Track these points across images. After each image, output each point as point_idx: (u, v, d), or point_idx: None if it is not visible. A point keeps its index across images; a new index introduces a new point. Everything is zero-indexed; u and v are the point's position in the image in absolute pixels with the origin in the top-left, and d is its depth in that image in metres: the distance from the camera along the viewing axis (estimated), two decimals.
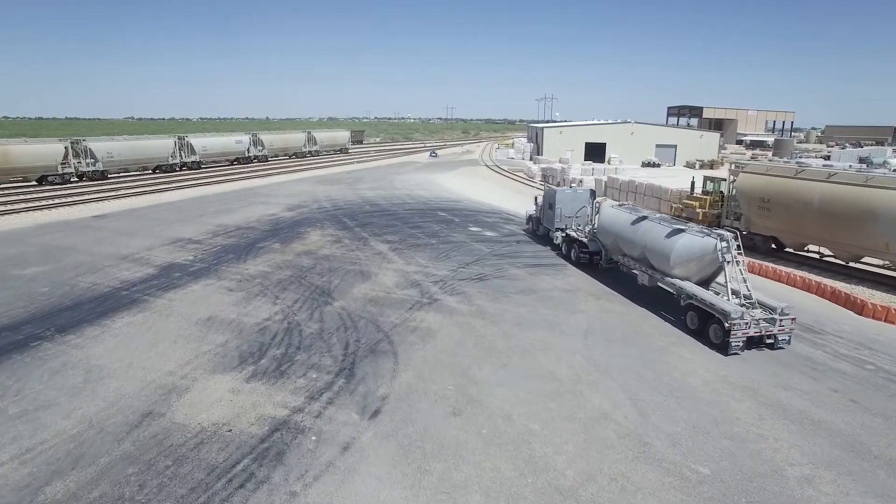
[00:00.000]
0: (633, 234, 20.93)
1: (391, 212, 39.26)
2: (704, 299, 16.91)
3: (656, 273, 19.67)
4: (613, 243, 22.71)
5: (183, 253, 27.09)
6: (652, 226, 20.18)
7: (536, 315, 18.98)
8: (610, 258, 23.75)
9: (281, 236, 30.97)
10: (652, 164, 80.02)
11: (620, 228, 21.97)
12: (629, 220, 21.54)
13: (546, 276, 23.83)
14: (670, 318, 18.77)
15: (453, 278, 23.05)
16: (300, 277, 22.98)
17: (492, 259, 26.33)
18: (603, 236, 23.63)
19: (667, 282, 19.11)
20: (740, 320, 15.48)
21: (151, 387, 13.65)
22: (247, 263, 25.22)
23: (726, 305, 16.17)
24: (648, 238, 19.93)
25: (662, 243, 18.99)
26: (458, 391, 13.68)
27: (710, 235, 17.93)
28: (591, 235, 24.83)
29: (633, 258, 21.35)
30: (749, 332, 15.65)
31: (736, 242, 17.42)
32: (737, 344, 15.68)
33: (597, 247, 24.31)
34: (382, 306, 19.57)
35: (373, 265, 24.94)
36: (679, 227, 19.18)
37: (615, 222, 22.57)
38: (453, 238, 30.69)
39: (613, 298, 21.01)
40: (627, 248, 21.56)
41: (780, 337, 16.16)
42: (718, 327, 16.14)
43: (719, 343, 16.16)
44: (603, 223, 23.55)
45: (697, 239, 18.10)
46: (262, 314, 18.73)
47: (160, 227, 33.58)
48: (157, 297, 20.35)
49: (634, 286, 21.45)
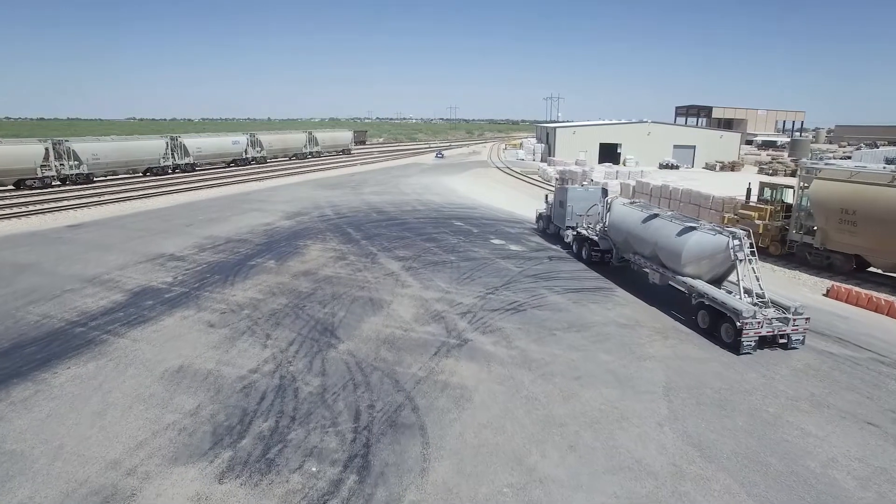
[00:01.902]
0: (644, 232, 20.67)
1: (400, 220, 35.24)
2: (716, 298, 16.63)
3: (667, 271, 19.35)
4: (624, 241, 22.34)
5: (161, 273, 23.09)
6: (663, 223, 19.84)
7: (596, 363, 14.94)
8: (621, 256, 23.32)
9: (276, 251, 26.96)
10: (670, 165, 76.09)
11: (631, 226, 21.63)
12: (640, 218, 21.19)
13: (593, 303, 19.80)
14: (768, 367, 14.75)
15: (483, 308, 19.02)
16: (297, 307, 18.97)
17: (524, 281, 22.29)
18: (614, 234, 23.27)
19: (678, 280, 18.78)
20: (752, 319, 15.23)
21: (81, 492, 9.62)
22: (234, 287, 21.21)
23: (738, 304, 15.90)
24: (659, 236, 19.65)
25: (674, 241, 18.72)
26: (519, 498, 9.65)
27: (721, 233, 17.60)
28: (601, 233, 24.37)
29: (644, 256, 20.99)
30: (761, 331, 15.40)
31: (749, 241, 17.04)
32: (748, 343, 15.39)
33: (608, 245, 23.89)
34: (400, 350, 15.55)
35: (384, 290, 20.92)
36: (690, 225, 18.80)
37: (626, 220, 22.23)
38: (475, 253, 26.66)
39: (684, 337, 16.96)
40: (638, 245, 21.23)
41: (793, 337, 15.75)
42: (730, 326, 15.81)
43: (731, 342, 15.80)
44: (614, 221, 23.21)
45: (709, 237, 17.80)
46: (249, 362, 14.72)
47: (141, 239, 29.59)
48: (119, 337, 16.34)
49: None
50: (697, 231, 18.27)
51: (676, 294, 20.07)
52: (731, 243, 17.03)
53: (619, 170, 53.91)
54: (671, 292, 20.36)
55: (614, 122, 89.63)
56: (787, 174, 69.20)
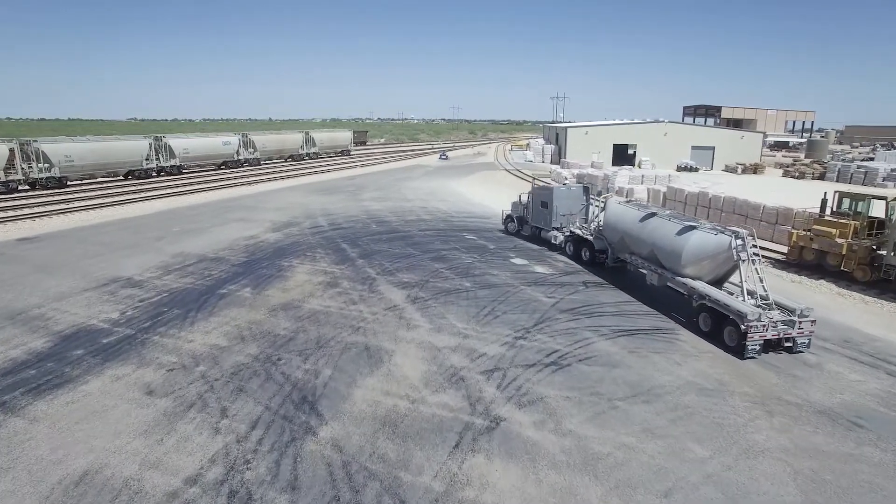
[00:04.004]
0: (642, 232, 20.09)
1: (404, 233, 30.69)
2: (719, 300, 15.97)
3: (666, 272, 18.78)
4: (620, 241, 21.76)
5: (108, 306, 18.59)
6: (661, 223, 19.27)
7: (688, 463, 10.37)
8: (617, 257, 22.60)
9: (255, 274, 22.43)
10: (688, 168, 71.52)
11: (628, 226, 21.07)
12: (637, 217, 20.64)
13: (655, 353, 15.23)
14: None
15: (514, 362, 14.47)
16: (270, 361, 14.43)
17: (559, 318, 17.74)
18: (609, 234, 22.63)
19: (677, 281, 18.23)
20: (757, 322, 14.57)
21: None
22: (194, 328, 16.69)
23: (742, 307, 15.19)
24: (658, 235, 19.10)
25: (673, 241, 18.15)
26: None
27: (723, 232, 16.98)
28: (596, 233, 23.77)
29: (641, 256, 20.46)
30: (766, 334, 14.75)
31: (752, 240, 16.47)
32: (753, 347, 14.76)
33: (603, 245, 23.25)
34: (406, 439, 10.99)
35: (384, 333, 16.37)
36: (690, 224, 18.19)
37: (622, 219, 21.59)
38: (493, 277, 22.10)
39: (795, 412, 12.35)
40: (635, 246, 20.69)
41: (798, 340, 15.12)
42: (734, 329, 15.16)
43: (734, 346, 15.17)
44: (609, 220, 22.53)
45: (711, 236, 17.18)
46: (189, 463, 10.18)
47: (98, 258, 25.08)
48: (13, 414, 11.78)
49: (820, 386, 12.94)
50: (698, 230, 17.52)
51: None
52: (734, 243, 16.23)
53: (644, 173, 49.18)
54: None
55: (628, 122, 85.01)
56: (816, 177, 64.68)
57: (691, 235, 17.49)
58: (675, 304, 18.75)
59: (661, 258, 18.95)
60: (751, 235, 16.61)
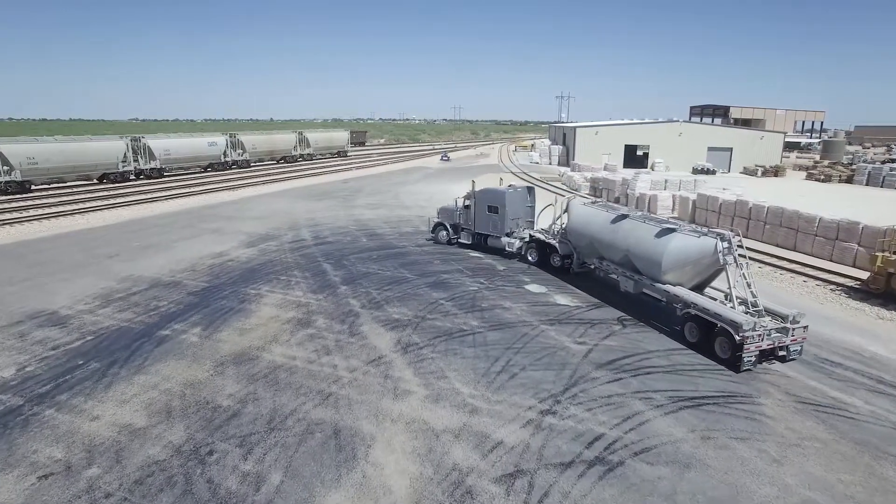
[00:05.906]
0: (613, 236, 18.90)
1: (398, 249, 26.38)
2: (708, 309, 14.78)
3: (643, 278, 17.54)
4: (588, 246, 20.59)
5: (6, 356, 14.30)
6: (635, 225, 18.12)
7: None
8: (582, 262, 21.58)
9: (211, 307, 18.14)
10: (705, 170, 67.22)
11: (597, 229, 19.84)
12: (607, 220, 19.48)
13: (738, 440, 10.90)
14: None
15: (543, 459, 10.14)
16: (197, 458, 10.11)
17: (597, 377, 13.41)
18: (575, 238, 21.37)
19: (657, 288, 16.91)
20: (753, 332, 13.46)
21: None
22: (108, 394, 12.40)
23: (736, 316, 14.08)
24: (632, 240, 17.89)
25: (651, 245, 16.90)
26: None
27: (707, 235, 15.90)
28: (560, 237, 22.40)
29: (613, 262, 19.25)
30: (762, 344, 13.63)
31: (738, 242, 15.45)
32: (749, 359, 13.57)
33: (567, 250, 22.01)
34: None
35: (362, 405, 12.05)
36: (668, 227, 16.98)
37: (591, 223, 20.34)
38: (506, 313, 17.79)
39: None
40: (606, 251, 19.49)
41: (792, 348, 14.06)
42: (726, 340, 13.98)
43: (727, 358, 13.97)
44: (575, 224, 21.25)
45: (693, 239, 16.03)
46: None
47: (28, 282, 20.83)
48: None
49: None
50: (678, 233, 16.52)
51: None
52: (719, 246, 15.30)
53: (666, 178, 44.65)
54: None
55: (639, 122, 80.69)
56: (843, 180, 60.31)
57: (672, 239, 16.34)
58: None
59: (637, 264, 17.75)
60: (737, 237, 15.63)
